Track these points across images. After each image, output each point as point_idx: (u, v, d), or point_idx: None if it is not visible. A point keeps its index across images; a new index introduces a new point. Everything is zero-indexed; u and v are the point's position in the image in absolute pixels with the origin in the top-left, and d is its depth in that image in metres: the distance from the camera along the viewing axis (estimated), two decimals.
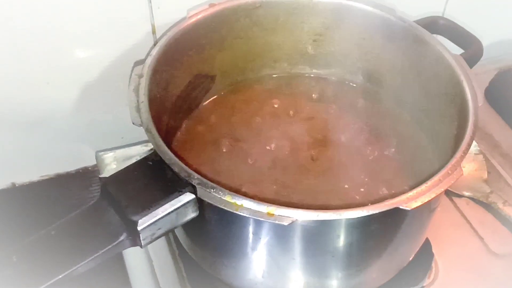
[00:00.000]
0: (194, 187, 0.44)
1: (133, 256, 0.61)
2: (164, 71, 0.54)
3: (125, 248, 0.44)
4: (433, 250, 0.61)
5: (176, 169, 0.44)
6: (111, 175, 0.45)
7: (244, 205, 0.42)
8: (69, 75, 0.64)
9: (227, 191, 0.42)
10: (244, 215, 0.41)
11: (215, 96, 0.63)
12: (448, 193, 0.67)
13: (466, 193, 0.67)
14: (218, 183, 0.49)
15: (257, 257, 0.48)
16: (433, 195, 0.43)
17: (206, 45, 0.59)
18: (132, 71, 0.51)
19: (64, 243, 0.43)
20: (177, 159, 0.44)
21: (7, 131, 0.65)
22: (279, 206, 0.41)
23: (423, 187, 0.44)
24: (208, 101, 0.63)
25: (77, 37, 0.61)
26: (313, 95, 0.64)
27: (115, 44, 0.63)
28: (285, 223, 0.41)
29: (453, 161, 0.45)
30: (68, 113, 0.67)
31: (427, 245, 0.60)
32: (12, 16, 0.57)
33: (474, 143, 0.67)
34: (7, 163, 0.69)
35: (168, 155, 0.44)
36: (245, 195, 0.43)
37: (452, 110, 0.53)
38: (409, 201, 0.42)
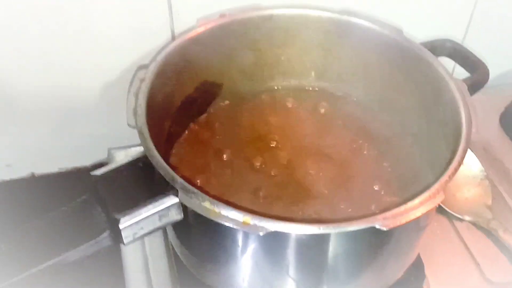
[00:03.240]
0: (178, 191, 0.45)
1: (130, 253, 0.62)
2: (169, 76, 0.56)
3: (109, 245, 0.46)
4: (426, 272, 0.61)
5: (161, 172, 0.45)
6: (102, 173, 0.47)
7: (221, 213, 0.43)
8: (92, 76, 0.66)
9: (207, 197, 0.43)
10: (221, 222, 0.43)
11: (221, 104, 0.64)
12: (449, 216, 0.67)
13: (467, 218, 0.66)
14: (208, 189, 0.51)
15: (237, 263, 0.49)
16: (412, 217, 0.43)
17: (214, 54, 0.61)
18: (134, 74, 0.53)
19: (50, 235, 0.45)
20: (164, 163, 0.46)
21: (31, 124, 0.69)
22: (255, 215, 0.42)
23: (402, 208, 0.44)
24: (214, 109, 0.64)
25: (101, 40, 0.63)
26: (318, 109, 0.64)
27: (135, 48, 0.65)
28: (260, 233, 0.42)
29: (436, 185, 0.45)
30: (88, 110, 0.69)
31: (419, 266, 0.60)
32: (52, 18, 0.60)
33: (481, 168, 0.68)
34: (28, 154, 0.72)
35: (155, 158, 0.46)
36: (228, 203, 0.44)
37: (448, 134, 0.52)
38: (385, 220, 0.43)
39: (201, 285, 0.55)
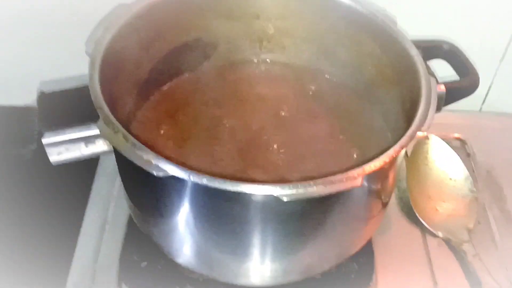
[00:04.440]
0: None
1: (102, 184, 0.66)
2: (154, 20, 0.57)
3: (37, 157, 0.48)
4: (379, 277, 0.59)
5: (92, 99, 0.46)
6: (51, 92, 0.49)
7: (129, 145, 0.43)
8: None
9: (123, 129, 0.44)
10: (127, 157, 0.43)
11: (211, 65, 0.64)
12: (424, 229, 0.64)
13: (441, 234, 0.63)
14: (167, 141, 0.55)
15: (152, 202, 0.49)
16: (314, 195, 0.42)
17: (212, 14, 0.61)
18: (112, 10, 0.54)
19: None
20: (99, 93, 0.47)
21: None
22: (159, 157, 0.43)
23: (309, 183, 0.42)
24: (205, 68, 0.64)
25: None
26: (305, 87, 0.64)
27: None
28: (160, 174, 0.42)
29: (357, 170, 0.43)
30: None
31: (368, 270, 0.58)
32: None
33: (472, 188, 0.63)
34: None
35: (94, 87, 0.47)
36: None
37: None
38: (285, 191, 0.41)
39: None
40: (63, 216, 0.61)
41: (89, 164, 0.66)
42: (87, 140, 0.47)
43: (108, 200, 0.64)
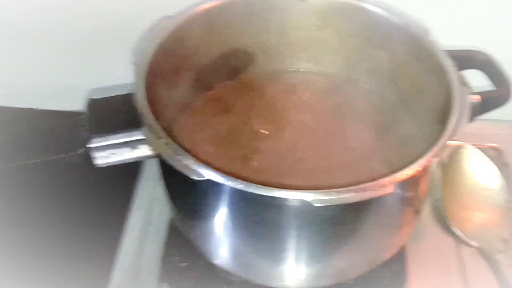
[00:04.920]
0: None
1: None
2: (195, 32, 0.60)
3: (85, 161, 0.51)
4: (410, 285, 0.59)
5: (138, 107, 0.49)
6: (99, 98, 0.53)
7: (172, 152, 0.46)
8: None
9: (165, 135, 0.47)
10: (169, 162, 0.46)
11: (251, 74, 0.67)
12: (458, 239, 0.64)
13: (475, 243, 0.63)
14: (205, 144, 0.57)
15: (191, 205, 0.52)
16: (346, 201, 0.43)
17: (249, 23, 0.63)
18: (157, 22, 0.57)
19: (39, 139, 0.51)
20: (144, 100, 0.50)
21: None
22: (197, 161, 0.45)
23: (341, 190, 0.44)
24: (243, 77, 0.66)
25: None
26: (337, 95, 0.65)
27: None
28: (196, 178, 0.45)
29: (388, 178, 0.45)
30: None
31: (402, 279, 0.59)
32: None
33: (508, 198, 0.64)
34: None
35: (139, 95, 0.50)
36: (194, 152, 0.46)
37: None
38: (317, 197, 0.43)
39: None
40: (108, 217, 0.64)
41: (134, 168, 0.69)
42: (132, 145, 0.50)
43: (152, 202, 0.67)
